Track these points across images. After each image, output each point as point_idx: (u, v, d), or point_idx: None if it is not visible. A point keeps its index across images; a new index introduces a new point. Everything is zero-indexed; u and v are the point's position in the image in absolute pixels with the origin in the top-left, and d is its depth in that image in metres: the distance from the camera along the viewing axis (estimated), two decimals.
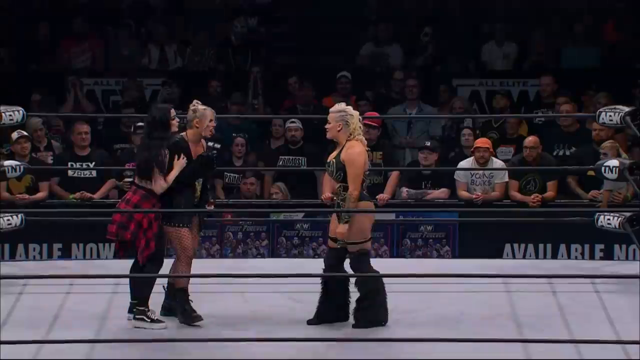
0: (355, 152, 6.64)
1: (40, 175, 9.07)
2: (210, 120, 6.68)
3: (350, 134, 6.67)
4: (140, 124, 8.88)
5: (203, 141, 6.73)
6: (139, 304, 6.61)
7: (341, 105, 6.77)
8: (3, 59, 11.78)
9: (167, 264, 6.79)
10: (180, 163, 6.60)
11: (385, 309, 6.69)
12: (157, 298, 6.78)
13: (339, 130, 6.68)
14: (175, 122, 6.69)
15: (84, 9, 12.14)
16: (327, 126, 6.74)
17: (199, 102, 6.73)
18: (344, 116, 6.68)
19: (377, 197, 8.79)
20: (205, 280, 6.70)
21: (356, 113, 6.73)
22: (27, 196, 8.99)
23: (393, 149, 10.24)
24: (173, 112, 6.72)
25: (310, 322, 6.73)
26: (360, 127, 6.71)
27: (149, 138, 6.65)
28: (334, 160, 6.68)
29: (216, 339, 6.41)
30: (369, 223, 6.71)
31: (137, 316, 6.62)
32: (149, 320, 6.60)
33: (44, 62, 11.84)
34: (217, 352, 6.21)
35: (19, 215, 7.58)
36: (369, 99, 10.60)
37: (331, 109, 6.76)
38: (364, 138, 6.73)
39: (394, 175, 9.01)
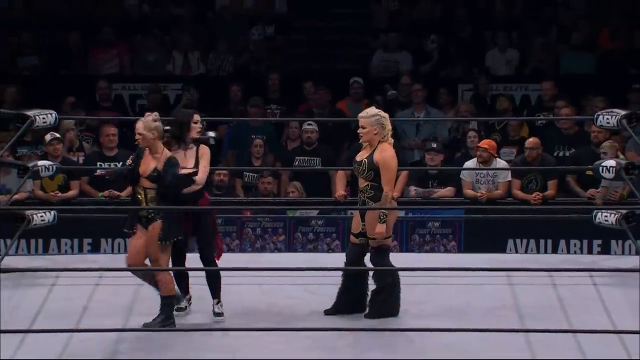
0: (389, 155, 6.55)
1: (71, 175, 9.05)
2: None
3: (384, 136, 6.58)
4: (167, 127, 8.83)
5: (166, 152, 6.44)
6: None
7: (372, 110, 6.65)
8: (37, 66, 11.79)
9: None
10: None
11: (398, 303, 6.65)
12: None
13: (375, 134, 6.57)
14: (197, 127, 6.58)
15: (112, 19, 12.15)
16: (361, 131, 6.58)
17: (157, 115, 6.48)
18: (379, 119, 6.58)
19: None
20: (225, 273, 6.65)
21: (387, 115, 6.63)
22: (59, 194, 8.97)
23: (402, 150, 10.18)
24: (196, 117, 6.61)
25: (327, 312, 6.68)
26: (391, 129, 6.63)
27: (169, 138, 6.61)
28: (365, 160, 6.57)
29: (234, 328, 6.38)
30: (392, 221, 6.65)
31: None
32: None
33: (74, 68, 11.85)
34: (235, 342, 6.18)
35: (52, 212, 7.54)
36: (379, 103, 10.54)
37: (361, 115, 6.61)
38: (392, 140, 6.65)
39: (402, 175, 8.96)
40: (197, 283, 6.72)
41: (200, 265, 6.61)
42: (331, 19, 12.42)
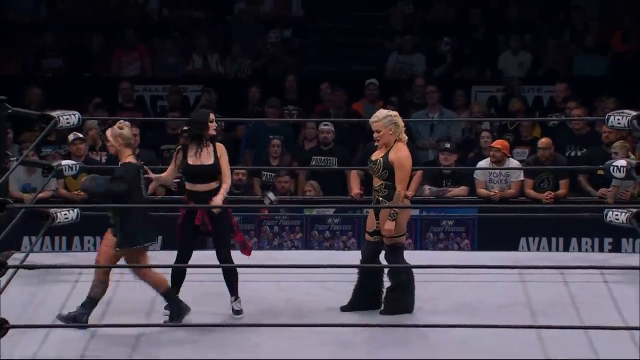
0: (404, 155, 6.54)
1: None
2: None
3: (399, 134, 6.57)
4: (185, 128, 8.87)
5: (130, 159, 6.48)
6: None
7: (382, 112, 6.63)
8: (61, 68, 11.85)
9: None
10: None
11: (413, 299, 6.65)
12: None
13: (390, 134, 6.56)
14: (213, 125, 6.63)
15: (133, 22, 12.19)
16: (377, 135, 6.55)
17: (125, 123, 6.51)
18: (392, 119, 6.56)
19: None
20: (243, 270, 6.67)
21: (397, 113, 6.63)
22: (82, 193, 9.00)
23: (416, 150, 10.20)
24: (212, 116, 6.66)
25: (343, 309, 6.69)
26: (404, 126, 6.62)
27: (187, 137, 6.64)
28: (381, 159, 6.56)
29: (252, 324, 6.40)
30: (405, 219, 6.65)
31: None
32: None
33: (97, 70, 11.91)
34: (253, 338, 6.20)
35: (75, 210, 7.59)
36: (394, 104, 10.56)
37: (373, 119, 6.57)
38: (406, 137, 6.65)
39: (417, 175, 8.97)
40: (215, 280, 6.74)
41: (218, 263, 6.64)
42: (347, 22, 12.43)
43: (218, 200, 6.48)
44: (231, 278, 6.62)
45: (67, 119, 7.34)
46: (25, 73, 11.70)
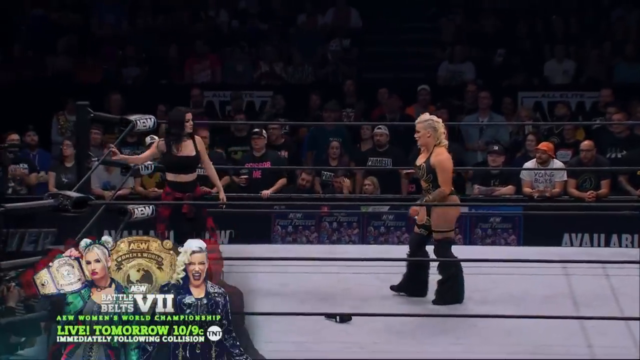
0: (444, 158, 6.53)
1: None
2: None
3: (438, 139, 6.54)
4: (256, 129, 9.01)
5: None
6: None
7: (425, 115, 6.64)
8: (139, 76, 11.96)
9: None
10: None
11: (462, 290, 6.60)
12: None
13: (428, 137, 6.55)
14: (189, 125, 6.78)
15: (205, 34, 12.27)
16: (417, 135, 6.58)
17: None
18: (431, 123, 6.55)
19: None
20: (305, 262, 6.67)
21: (440, 120, 6.61)
22: (157, 190, 9.07)
23: (466, 152, 10.17)
24: (188, 116, 6.84)
25: (392, 288, 6.69)
26: (444, 132, 6.59)
27: (167, 134, 6.88)
28: (424, 164, 6.57)
29: (313, 313, 6.39)
30: (455, 215, 6.60)
31: None
32: None
33: (171, 78, 12.00)
34: (314, 324, 6.19)
35: (151, 207, 7.63)
36: (445, 108, 10.48)
37: (417, 121, 6.61)
38: (446, 142, 6.61)
39: None
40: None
41: None
42: (401, 33, 12.38)
43: (224, 196, 6.80)
44: None
45: (143, 122, 7.39)
46: (108, 81, 11.83)
